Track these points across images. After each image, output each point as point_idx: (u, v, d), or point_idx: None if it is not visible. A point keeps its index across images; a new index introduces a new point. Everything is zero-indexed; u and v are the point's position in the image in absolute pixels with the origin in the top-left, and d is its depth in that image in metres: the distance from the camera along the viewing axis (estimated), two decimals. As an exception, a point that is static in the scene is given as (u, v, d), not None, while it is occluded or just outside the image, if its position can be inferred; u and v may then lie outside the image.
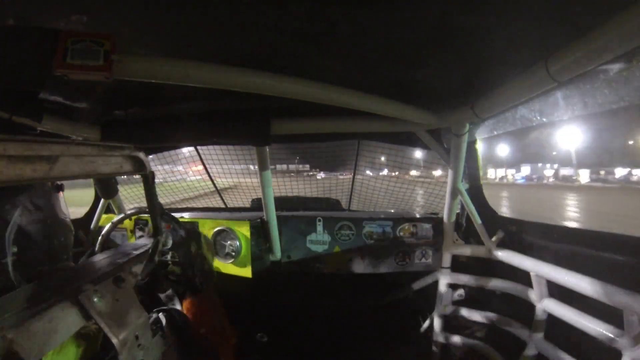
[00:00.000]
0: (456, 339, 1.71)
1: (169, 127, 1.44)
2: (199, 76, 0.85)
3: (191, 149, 2.34)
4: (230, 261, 1.79)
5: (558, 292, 1.21)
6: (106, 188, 1.86)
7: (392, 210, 2.45)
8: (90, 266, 0.71)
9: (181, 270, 1.56)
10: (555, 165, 33.57)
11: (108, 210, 2.04)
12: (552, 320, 1.22)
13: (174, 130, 1.46)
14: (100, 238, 1.67)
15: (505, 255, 1.46)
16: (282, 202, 2.25)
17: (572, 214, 12.32)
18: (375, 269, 1.86)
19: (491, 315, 1.53)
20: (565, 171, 32.57)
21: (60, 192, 1.03)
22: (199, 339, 0.87)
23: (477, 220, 1.59)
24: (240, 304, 1.95)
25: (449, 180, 1.65)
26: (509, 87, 0.97)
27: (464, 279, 1.68)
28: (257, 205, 2.29)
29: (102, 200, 1.96)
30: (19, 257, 0.62)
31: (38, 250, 0.71)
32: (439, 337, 1.76)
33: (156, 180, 1.00)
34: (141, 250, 0.87)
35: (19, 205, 0.61)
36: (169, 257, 1.75)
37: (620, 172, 29.36)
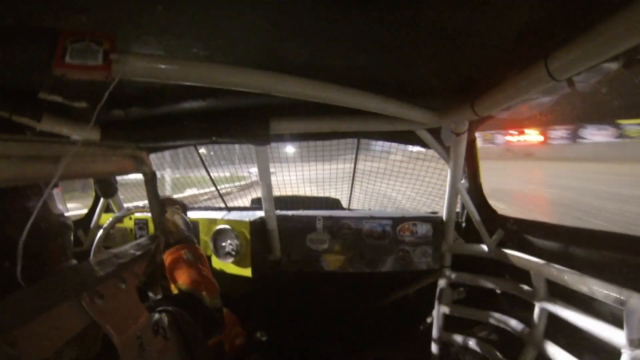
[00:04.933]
0: (456, 338, 1.71)
1: (168, 127, 1.44)
2: (198, 76, 0.85)
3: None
4: (230, 260, 1.79)
5: (558, 291, 1.21)
6: (106, 187, 1.86)
7: (392, 209, 2.46)
8: (92, 266, 0.71)
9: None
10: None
11: (108, 209, 2.04)
12: (552, 320, 1.23)
13: (174, 130, 1.46)
14: (99, 237, 1.67)
15: (505, 254, 1.46)
16: (282, 201, 2.25)
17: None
18: (375, 268, 1.86)
19: (491, 314, 1.54)
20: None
21: (56, 189, 1.02)
22: (201, 339, 0.87)
23: (476, 219, 1.59)
24: (240, 303, 1.96)
25: (449, 179, 1.65)
26: (509, 85, 0.97)
27: (464, 278, 1.69)
28: (256, 204, 2.29)
29: (101, 200, 1.96)
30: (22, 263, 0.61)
31: (35, 252, 0.70)
32: (439, 336, 1.76)
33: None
34: (142, 250, 0.86)
35: (31, 216, 0.60)
36: None
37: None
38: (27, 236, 0.60)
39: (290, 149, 2.54)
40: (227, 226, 1.80)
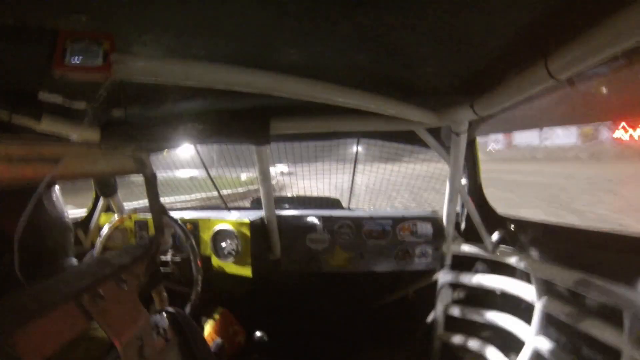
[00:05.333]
0: (456, 337, 1.71)
1: (168, 127, 1.44)
2: (198, 76, 0.85)
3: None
4: (230, 260, 1.79)
5: (558, 291, 1.21)
6: (105, 187, 1.86)
7: (392, 209, 2.46)
8: (92, 267, 0.71)
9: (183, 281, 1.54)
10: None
11: (107, 209, 2.04)
12: (552, 319, 1.23)
13: (174, 130, 1.45)
14: (101, 238, 1.67)
15: (505, 254, 1.46)
16: (282, 201, 2.25)
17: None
18: (375, 267, 1.86)
19: (491, 314, 1.54)
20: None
21: (54, 190, 1.03)
22: (202, 339, 0.87)
23: (476, 218, 1.59)
24: (240, 303, 1.95)
25: (449, 178, 1.65)
26: (509, 85, 0.97)
27: (464, 277, 1.69)
28: (257, 204, 2.29)
29: (101, 199, 1.96)
30: (20, 260, 0.62)
31: (35, 251, 0.70)
32: (439, 336, 1.76)
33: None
34: (143, 251, 0.87)
35: (26, 210, 0.61)
36: (169, 256, 1.75)
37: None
38: (28, 233, 0.60)
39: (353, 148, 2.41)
40: (227, 226, 1.80)
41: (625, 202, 8.67)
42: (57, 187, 1.12)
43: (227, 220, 1.82)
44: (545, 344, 1.23)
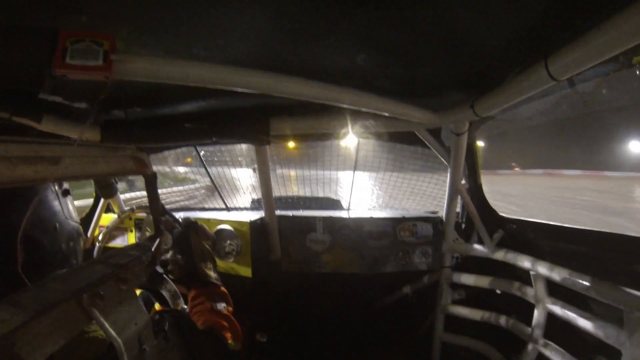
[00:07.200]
0: (456, 338, 1.71)
1: (168, 127, 1.44)
2: (198, 76, 0.85)
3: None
4: (231, 260, 1.79)
5: (558, 291, 1.21)
6: (106, 188, 1.86)
7: (392, 210, 2.46)
8: (93, 267, 0.71)
9: (184, 263, 1.55)
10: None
11: (108, 210, 2.04)
12: (552, 319, 1.23)
13: (174, 130, 1.45)
14: (101, 239, 1.67)
15: (505, 255, 1.46)
16: (282, 202, 2.25)
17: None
18: (375, 268, 1.86)
19: (491, 314, 1.54)
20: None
21: (68, 197, 1.04)
22: (202, 340, 0.87)
23: (477, 219, 1.59)
24: (240, 303, 1.95)
25: (449, 179, 1.65)
26: (509, 86, 0.97)
27: (464, 278, 1.68)
28: (257, 205, 2.29)
29: (101, 200, 1.96)
30: (27, 262, 0.62)
31: (46, 254, 0.71)
32: (440, 337, 1.76)
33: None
34: (143, 251, 0.87)
35: (27, 212, 0.61)
36: (169, 256, 1.75)
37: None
38: (46, 236, 0.61)
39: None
40: (227, 226, 1.80)
41: None
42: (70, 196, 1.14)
43: (227, 220, 1.83)
44: (545, 344, 1.23)
